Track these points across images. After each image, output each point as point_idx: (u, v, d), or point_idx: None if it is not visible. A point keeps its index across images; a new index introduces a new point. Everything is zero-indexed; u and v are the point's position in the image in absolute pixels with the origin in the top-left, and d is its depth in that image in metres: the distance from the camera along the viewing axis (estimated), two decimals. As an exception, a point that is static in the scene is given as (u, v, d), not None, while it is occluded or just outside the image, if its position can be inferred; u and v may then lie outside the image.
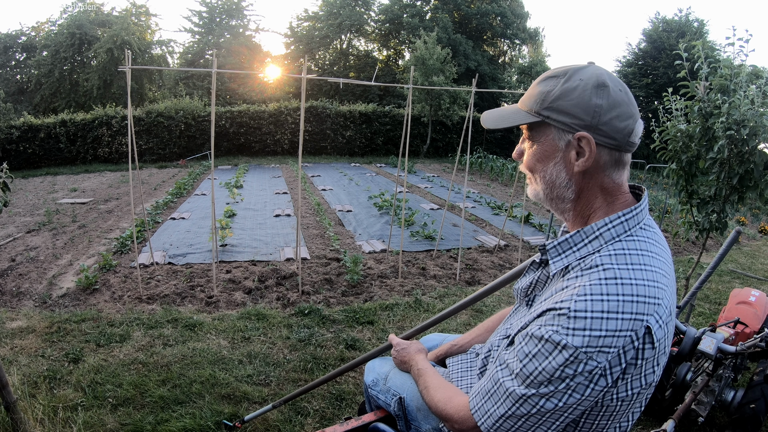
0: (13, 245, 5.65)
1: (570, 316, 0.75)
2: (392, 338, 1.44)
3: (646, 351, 0.75)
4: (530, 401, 0.79)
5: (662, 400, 2.33)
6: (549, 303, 0.81)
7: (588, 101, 0.81)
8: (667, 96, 2.90)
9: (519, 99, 0.96)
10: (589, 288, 0.76)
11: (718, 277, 5.00)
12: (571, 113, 0.82)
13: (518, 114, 0.90)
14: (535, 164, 0.90)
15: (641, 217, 0.85)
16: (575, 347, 0.73)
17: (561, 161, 0.86)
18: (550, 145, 0.87)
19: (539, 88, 0.87)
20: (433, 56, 16.65)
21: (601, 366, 0.74)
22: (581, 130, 0.82)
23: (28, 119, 14.80)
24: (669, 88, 2.90)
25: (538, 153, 0.89)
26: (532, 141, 0.90)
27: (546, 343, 0.77)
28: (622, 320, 0.73)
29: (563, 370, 0.75)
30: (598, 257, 0.81)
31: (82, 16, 21.68)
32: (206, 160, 15.12)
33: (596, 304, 0.74)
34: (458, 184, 11.27)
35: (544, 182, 0.90)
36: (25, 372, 2.69)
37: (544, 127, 0.87)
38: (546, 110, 0.85)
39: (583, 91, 0.82)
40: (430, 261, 5.17)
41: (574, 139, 0.83)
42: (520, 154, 0.96)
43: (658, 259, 0.81)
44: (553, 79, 0.86)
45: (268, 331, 3.34)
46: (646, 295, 0.75)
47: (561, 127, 0.84)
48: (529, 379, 0.79)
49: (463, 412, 0.94)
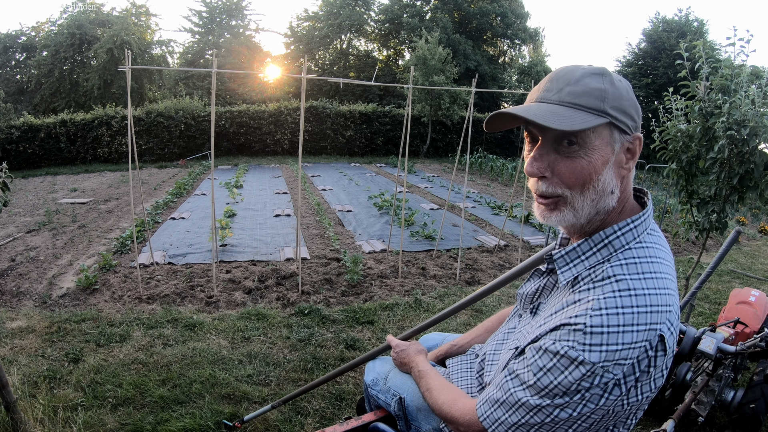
0: (13, 245, 5.65)
1: (586, 332, 0.74)
2: (390, 339, 1.43)
3: (659, 358, 0.75)
4: (544, 411, 0.79)
5: (662, 400, 2.33)
6: (562, 317, 0.79)
7: (635, 102, 0.80)
8: (668, 96, 2.89)
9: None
10: (603, 301, 0.75)
11: (718, 277, 5.00)
12: (630, 114, 0.79)
13: (578, 114, 0.76)
14: (590, 174, 0.78)
15: (648, 223, 0.84)
16: (592, 363, 0.73)
17: (612, 166, 0.80)
18: (606, 150, 0.78)
19: (591, 83, 0.77)
20: (435, 56, 16.65)
21: (617, 378, 0.74)
22: (635, 132, 0.80)
23: (28, 119, 14.79)
24: (669, 87, 2.90)
25: (595, 160, 0.78)
26: (583, 147, 0.77)
27: (562, 359, 0.76)
28: (638, 332, 0.72)
29: (579, 383, 0.74)
30: (610, 267, 0.79)
31: (82, 16, 21.67)
32: (206, 160, 15.12)
33: (612, 318, 0.73)
34: (458, 184, 11.27)
35: (594, 194, 0.79)
36: (25, 372, 2.69)
37: (602, 128, 0.78)
38: (613, 109, 0.77)
39: (628, 90, 0.80)
40: (430, 261, 5.17)
41: (627, 141, 0.80)
42: (547, 167, 0.80)
43: (666, 265, 0.80)
44: (598, 76, 0.78)
45: (268, 331, 3.34)
46: (659, 303, 0.74)
47: (624, 128, 0.78)
48: (544, 391, 0.78)
49: (469, 416, 0.94)
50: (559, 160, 0.79)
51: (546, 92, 0.81)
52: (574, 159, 0.78)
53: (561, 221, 0.82)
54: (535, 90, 0.85)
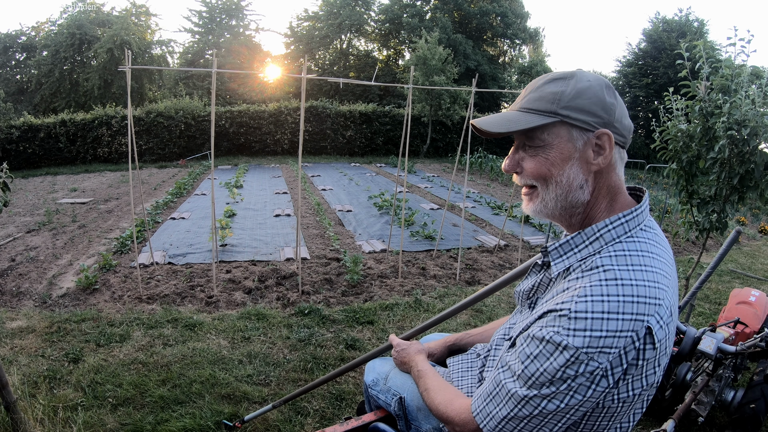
0: (13, 245, 5.65)
1: (571, 317, 0.75)
2: (392, 338, 1.44)
3: (647, 351, 0.75)
4: (532, 402, 0.79)
5: (662, 400, 2.33)
6: (550, 304, 0.82)
7: (603, 99, 0.83)
8: (668, 95, 2.89)
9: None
10: (589, 289, 0.76)
11: (718, 277, 5.00)
12: (591, 111, 0.82)
13: (528, 116, 0.85)
14: (549, 170, 0.85)
15: (641, 219, 0.86)
16: (576, 348, 0.74)
17: (577, 162, 0.84)
18: (565, 147, 0.84)
19: (549, 88, 0.84)
20: (435, 56, 16.64)
21: (603, 367, 0.74)
22: (600, 128, 0.83)
23: (28, 119, 14.79)
24: (670, 87, 2.90)
25: (552, 157, 0.85)
26: (541, 146, 0.85)
27: (547, 344, 0.77)
28: (623, 321, 0.73)
29: (564, 370, 0.75)
30: (599, 258, 0.81)
31: (82, 16, 21.67)
32: (206, 160, 15.12)
33: (597, 305, 0.74)
34: (458, 183, 11.27)
35: (559, 188, 0.86)
36: (25, 372, 2.69)
37: (557, 128, 0.84)
38: (564, 109, 0.82)
39: (597, 89, 0.83)
40: (430, 261, 5.17)
41: (593, 137, 0.83)
42: (516, 164, 0.90)
43: (659, 260, 0.81)
44: (560, 80, 0.84)
45: (268, 331, 3.34)
46: (647, 295, 0.75)
47: (581, 125, 0.83)
48: (531, 380, 0.79)
49: (464, 414, 0.95)
50: (525, 158, 0.89)
51: (518, 101, 0.90)
52: (533, 157, 0.87)
53: (534, 211, 0.90)
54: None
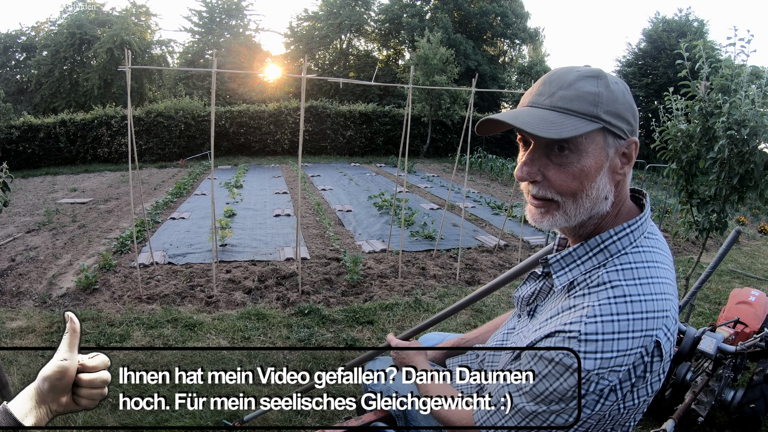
0: (13, 245, 5.65)
1: (581, 339, 0.73)
2: (391, 338, 1.43)
3: (655, 364, 0.75)
4: (541, 417, 0.79)
5: (662, 400, 2.33)
6: (557, 323, 0.79)
7: (633, 104, 0.77)
8: (668, 95, 2.89)
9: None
10: (598, 308, 0.74)
11: (718, 277, 5.00)
12: (625, 117, 0.76)
13: (570, 120, 0.73)
14: (582, 182, 0.75)
15: (646, 227, 0.82)
16: (587, 371, 0.72)
17: (606, 172, 0.77)
18: (600, 155, 0.75)
19: (585, 87, 0.74)
20: (436, 56, 16.64)
21: (612, 384, 0.74)
22: (631, 136, 0.77)
23: (28, 119, 14.81)
24: (669, 87, 2.89)
25: (587, 167, 0.75)
26: (575, 152, 0.75)
27: (557, 366, 0.75)
28: (633, 339, 0.72)
29: (575, 390, 0.74)
30: (605, 273, 0.77)
31: (82, 16, 21.66)
32: (206, 159, 15.12)
33: (606, 326, 0.72)
34: (458, 183, 11.26)
35: (588, 201, 0.77)
36: (25, 372, 2.69)
37: (594, 134, 0.75)
38: (607, 114, 0.74)
39: (625, 93, 0.77)
40: (430, 261, 5.17)
41: (623, 145, 0.77)
42: (537, 173, 0.77)
43: (663, 268, 0.79)
44: (593, 78, 0.75)
45: (268, 331, 3.34)
46: (655, 309, 0.74)
47: (619, 133, 0.75)
48: (540, 398, 0.78)
49: (466, 420, 0.94)
50: (551, 166, 0.77)
51: (538, 96, 0.78)
52: (565, 167, 0.75)
53: (553, 225, 0.80)
54: (527, 93, 0.81)
